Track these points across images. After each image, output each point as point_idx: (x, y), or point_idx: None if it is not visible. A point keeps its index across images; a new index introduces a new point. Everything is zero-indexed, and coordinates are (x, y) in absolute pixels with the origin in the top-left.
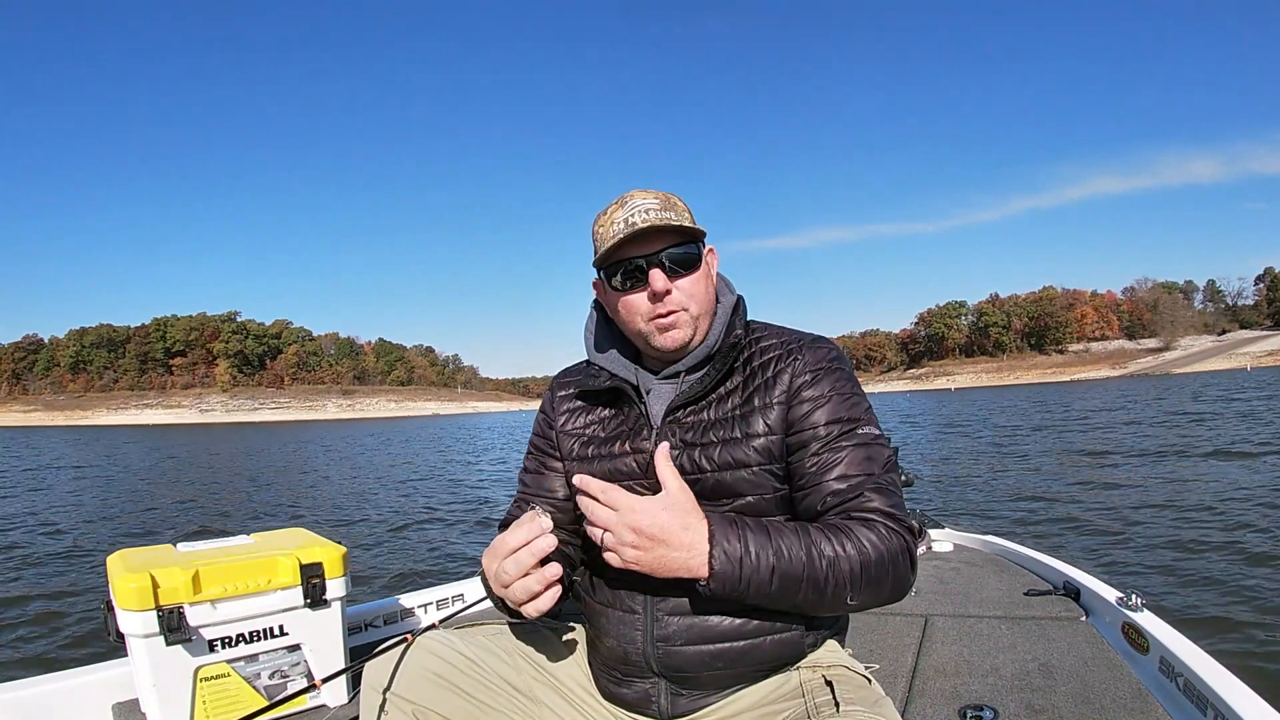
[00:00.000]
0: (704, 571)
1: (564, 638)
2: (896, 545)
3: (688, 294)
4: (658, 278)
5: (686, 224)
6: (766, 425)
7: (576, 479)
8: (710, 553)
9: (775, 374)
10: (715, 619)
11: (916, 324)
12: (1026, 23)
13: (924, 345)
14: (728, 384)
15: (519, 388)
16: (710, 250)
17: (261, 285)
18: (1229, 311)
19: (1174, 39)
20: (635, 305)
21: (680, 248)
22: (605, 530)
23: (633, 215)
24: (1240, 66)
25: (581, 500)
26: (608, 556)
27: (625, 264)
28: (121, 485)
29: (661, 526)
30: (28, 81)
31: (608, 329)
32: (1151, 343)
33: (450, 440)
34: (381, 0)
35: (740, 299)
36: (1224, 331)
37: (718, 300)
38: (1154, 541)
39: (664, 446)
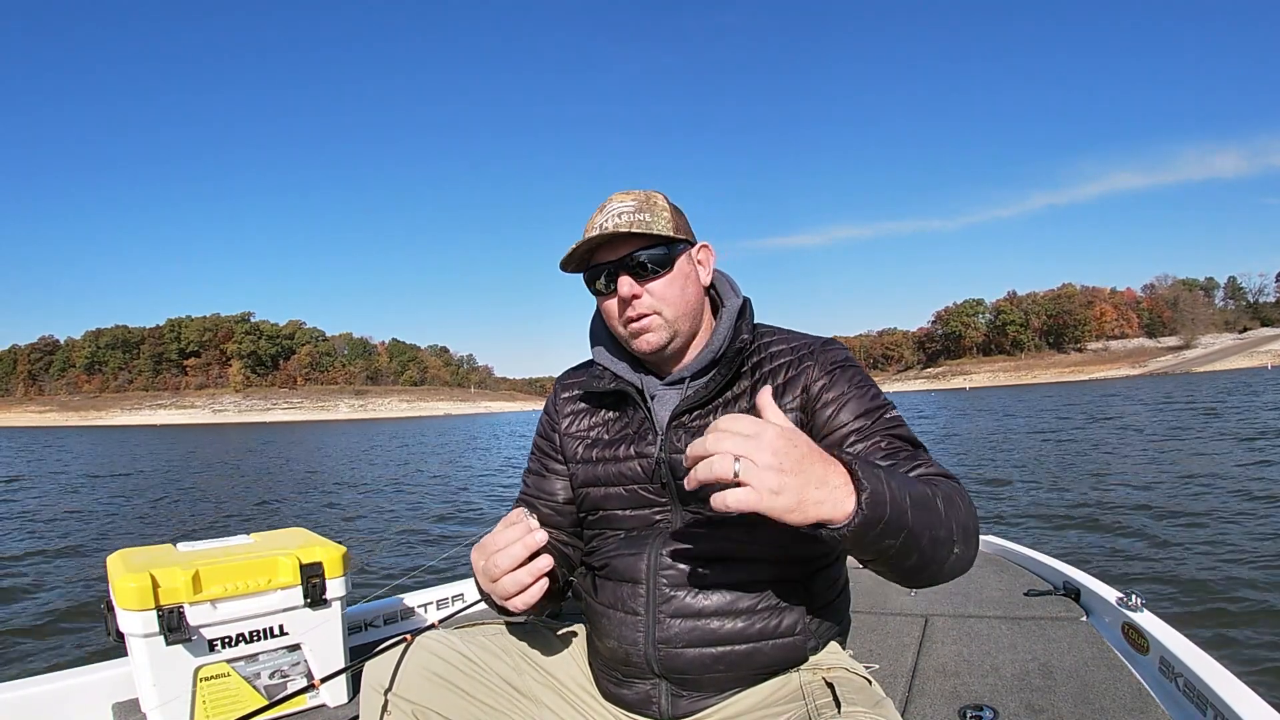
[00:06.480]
0: (850, 504)
1: (564, 638)
2: (966, 492)
3: (659, 297)
4: (624, 283)
5: (653, 229)
6: None
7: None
8: (859, 480)
9: (788, 380)
10: (717, 622)
11: (933, 322)
12: (1047, 16)
13: (941, 344)
14: (735, 388)
15: (535, 387)
16: (703, 247)
17: (275, 286)
18: (1250, 309)
19: (1195, 32)
20: (610, 310)
21: (649, 250)
22: (740, 458)
23: (606, 220)
24: (1263, 59)
25: (699, 442)
26: (737, 494)
27: (596, 269)
28: (123, 485)
29: (806, 449)
30: (39, 83)
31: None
32: (1172, 341)
33: (455, 439)
34: None
35: (747, 301)
36: (1245, 329)
37: (722, 303)
38: (1155, 542)
39: (766, 389)
